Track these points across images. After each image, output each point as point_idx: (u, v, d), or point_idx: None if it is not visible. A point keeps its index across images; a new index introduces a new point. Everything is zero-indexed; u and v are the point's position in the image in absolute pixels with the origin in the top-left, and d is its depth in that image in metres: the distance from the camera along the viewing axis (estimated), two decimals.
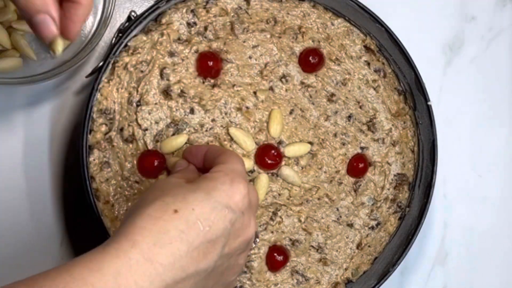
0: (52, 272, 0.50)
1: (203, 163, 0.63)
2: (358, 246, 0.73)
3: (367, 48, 0.74)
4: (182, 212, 0.53)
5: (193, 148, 0.67)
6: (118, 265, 0.50)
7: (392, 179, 0.74)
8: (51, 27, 0.54)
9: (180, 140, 0.70)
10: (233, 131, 0.71)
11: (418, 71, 0.73)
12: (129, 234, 0.52)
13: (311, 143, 0.73)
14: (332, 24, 0.74)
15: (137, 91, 0.70)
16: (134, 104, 0.70)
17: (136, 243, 0.51)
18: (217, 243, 0.54)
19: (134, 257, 0.50)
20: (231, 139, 0.71)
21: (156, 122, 0.70)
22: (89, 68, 0.73)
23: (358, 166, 0.73)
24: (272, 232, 0.72)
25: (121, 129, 0.69)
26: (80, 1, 0.55)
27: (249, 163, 0.71)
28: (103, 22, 0.71)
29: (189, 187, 0.56)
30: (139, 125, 0.69)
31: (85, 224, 0.72)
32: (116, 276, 0.49)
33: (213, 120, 0.71)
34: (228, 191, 0.56)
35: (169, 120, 0.70)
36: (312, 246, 0.73)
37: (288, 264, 0.72)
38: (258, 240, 0.65)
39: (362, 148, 0.74)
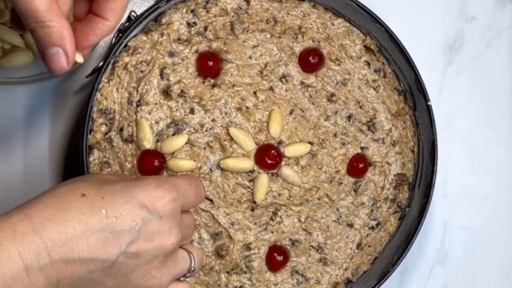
0: None
1: None
2: (358, 246, 0.73)
3: (367, 48, 0.74)
4: (89, 197, 0.51)
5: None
6: (1, 236, 0.48)
7: (392, 179, 0.74)
8: (62, 61, 0.53)
9: (180, 140, 0.70)
10: (233, 131, 0.71)
11: (418, 71, 0.73)
12: (24, 208, 0.50)
13: (311, 143, 0.73)
14: (332, 24, 0.74)
15: (137, 91, 0.70)
16: (134, 104, 0.70)
17: (28, 216, 0.49)
18: (121, 236, 0.52)
19: (20, 229, 0.48)
20: (231, 139, 0.71)
21: (156, 122, 0.70)
22: (89, 68, 0.73)
23: (358, 166, 0.73)
24: (272, 232, 0.72)
25: (121, 129, 0.69)
26: (109, 19, 0.55)
27: (249, 163, 0.71)
28: None
29: (111, 181, 0.54)
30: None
31: None
32: None
33: (213, 120, 0.71)
34: (149, 192, 0.54)
35: (169, 120, 0.70)
36: (312, 246, 0.73)
37: (288, 264, 0.72)
38: (193, 269, 0.61)
39: (362, 148, 0.74)
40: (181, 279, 0.60)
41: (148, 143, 0.69)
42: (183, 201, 0.57)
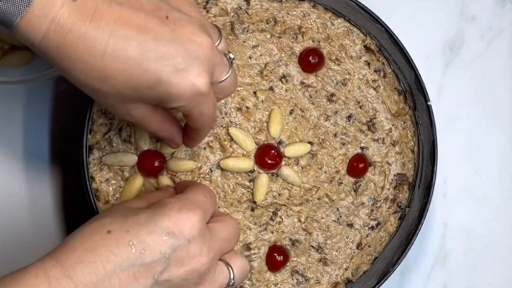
0: None
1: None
2: (358, 246, 0.73)
3: (367, 48, 0.74)
4: (115, 233, 0.52)
5: (182, 181, 0.67)
6: (36, 283, 0.49)
7: (392, 179, 0.74)
8: (174, 145, 0.66)
9: None
10: (233, 131, 0.71)
11: (418, 71, 0.73)
12: (55, 253, 0.51)
13: (311, 143, 0.73)
14: (332, 24, 0.74)
15: None
16: None
17: (59, 261, 0.50)
18: (152, 267, 0.52)
19: (54, 275, 0.49)
20: (231, 139, 0.71)
21: None
22: None
23: (358, 166, 0.73)
24: (272, 232, 0.72)
25: (120, 129, 0.69)
26: (203, 129, 0.61)
27: (249, 163, 0.71)
28: None
29: (135, 211, 0.54)
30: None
31: None
32: None
33: None
34: (173, 217, 0.54)
35: None
36: (312, 246, 0.73)
37: (288, 264, 0.72)
38: (233, 283, 0.59)
39: (362, 148, 0.74)
40: None
41: (145, 144, 0.69)
42: (205, 217, 0.57)
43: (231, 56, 0.59)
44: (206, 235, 0.56)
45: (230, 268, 0.59)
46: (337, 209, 0.73)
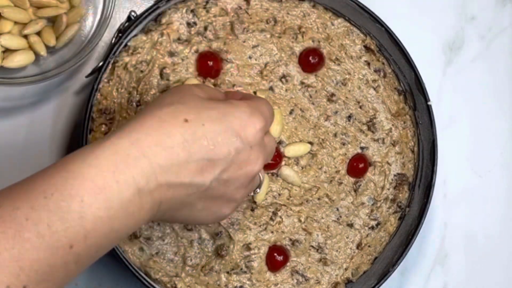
0: (50, 170, 0.50)
1: None
2: (358, 246, 0.73)
3: (367, 48, 0.74)
4: (192, 123, 0.54)
5: (231, 91, 0.68)
6: (117, 161, 0.50)
7: (392, 179, 0.74)
8: None
9: None
10: None
11: (418, 71, 0.73)
12: (133, 132, 0.52)
13: (311, 143, 0.73)
14: (332, 24, 0.74)
15: (137, 91, 0.70)
16: (134, 104, 0.70)
17: (138, 141, 0.52)
18: (217, 165, 0.55)
19: (133, 154, 0.51)
20: None
21: None
22: (89, 68, 0.73)
23: (358, 166, 0.73)
24: (272, 232, 0.72)
25: None
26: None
27: None
28: (103, 22, 0.71)
29: (207, 105, 0.57)
30: None
31: None
32: (114, 171, 0.50)
33: None
34: (243, 121, 0.57)
35: None
36: (312, 246, 0.73)
37: (288, 264, 0.72)
38: (259, 190, 0.65)
39: (362, 148, 0.74)
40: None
41: None
42: (266, 127, 0.60)
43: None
44: (263, 145, 0.59)
45: (260, 177, 0.63)
46: (337, 209, 0.73)
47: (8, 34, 0.69)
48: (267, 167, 0.71)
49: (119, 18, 0.75)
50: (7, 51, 0.70)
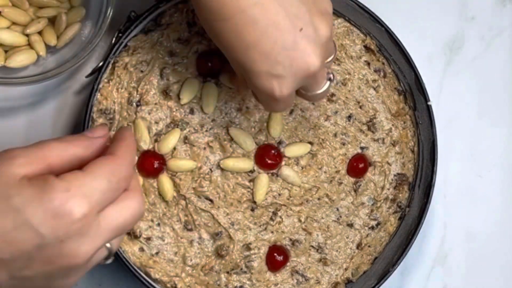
0: None
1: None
2: (358, 246, 0.73)
3: (367, 48, 0.74)
4: None
5: (122, 131, 0.58)
6: None
7: (392, 179, 0.74)
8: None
9: (173, 137, 0.69)
10: (233, 131, 0.71)
11: (418, 71, 0.73)
12: None
13: (311, 143, 0.73)
14: (332, 24, 0.74)
15: (137, 91, 0.70)
16: (134, 104, 0.70)
17: None
18: (10, 263, 0.49)
19: None
20: (231, 139, 0.71)
21: (156, 122, 0.70)
22: (89, 68, 0.73)
23: (358, 166, 0.73)
24: (272, 232, 0.72)
25: None
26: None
27: (249, 163, 0.71)
28: (103, 22, 0.71)
29: (9, 191, 0.49)
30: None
31: None
32: None
33: (213, 120, 0.71)
34: (51, 212, 0.48)
35: (169, 120, 0.70)
36: (312, 246, 0.73)
37: (288, 264, 0.72)
38: (110, 260, 0.55)
39: (362, 148, 0.74)
40: None
41: (145, 144, 0.69)
42: (97, 207, 0.51)
43: (331, 76, 0.63)
44: (93, 229, 0.50)
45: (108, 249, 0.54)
46: (337, 209, 0.73)
47: (7, 30, 0.69)
48: (267, 167, 0.71)
49: (119, 18, 0.75)
50: (9, 51, 0.70)
